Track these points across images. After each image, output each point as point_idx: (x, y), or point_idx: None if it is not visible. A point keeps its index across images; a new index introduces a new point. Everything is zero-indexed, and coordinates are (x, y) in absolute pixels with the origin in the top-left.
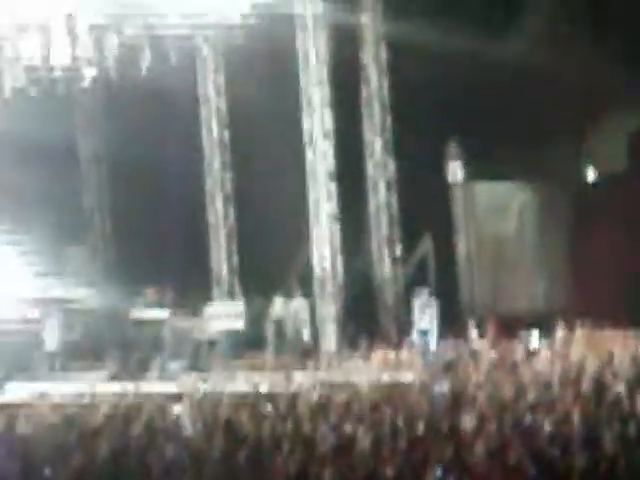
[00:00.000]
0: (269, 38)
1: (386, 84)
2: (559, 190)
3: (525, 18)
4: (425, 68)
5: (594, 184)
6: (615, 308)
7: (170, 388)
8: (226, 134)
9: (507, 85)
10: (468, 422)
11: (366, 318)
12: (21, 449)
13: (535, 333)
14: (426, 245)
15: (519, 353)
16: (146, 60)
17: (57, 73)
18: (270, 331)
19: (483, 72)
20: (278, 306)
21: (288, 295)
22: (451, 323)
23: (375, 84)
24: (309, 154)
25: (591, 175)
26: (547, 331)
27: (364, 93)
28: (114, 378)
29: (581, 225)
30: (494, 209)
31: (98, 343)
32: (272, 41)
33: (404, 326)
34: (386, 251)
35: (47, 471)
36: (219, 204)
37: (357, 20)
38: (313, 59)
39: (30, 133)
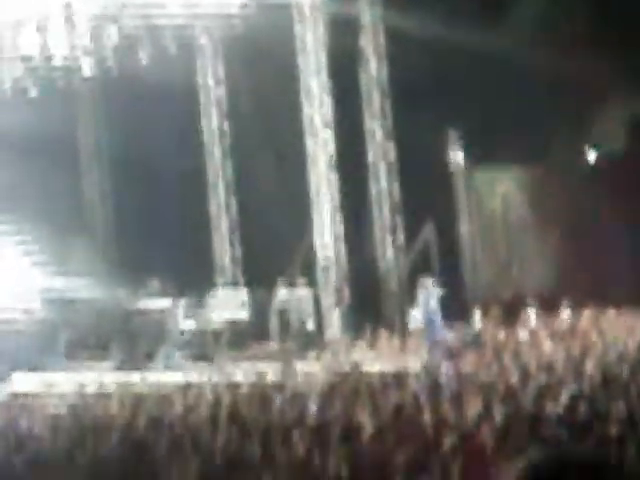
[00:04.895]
0: (267, 27)
1: (385, 71)
2: (561, 172)
3: (526, 4)
4: (424, 54)
5: (595, 166)
6: (618, 289)
7: (175, 378)
8: (226, 124)
9: (507, 70)
10: (473, 408)
11: (370, 306)
12: (28, 440)
13: (532, 313)
14: (429, 232)
15: (523, 336)
16: (145, 50)
17: (56, 66)
18: (274, 320)
19: (483, 57)
20: (282, 295)
21: (292, 284)
22: (455, 309)
23: (374, 71)
24: (309, 142)
25: (592, 157)
26: (550, 312)
27: (363, 80)
28: (119, 369)
29: (583, 206)
30: (495, 193)
31: (102, 334)
32: (270, 30)
33: (408, 314)
34: (389, 239)
35: (54, 462)
36: (221, 194)
37: (355, 8)
38: (311, 48)
39: (30, 126)
